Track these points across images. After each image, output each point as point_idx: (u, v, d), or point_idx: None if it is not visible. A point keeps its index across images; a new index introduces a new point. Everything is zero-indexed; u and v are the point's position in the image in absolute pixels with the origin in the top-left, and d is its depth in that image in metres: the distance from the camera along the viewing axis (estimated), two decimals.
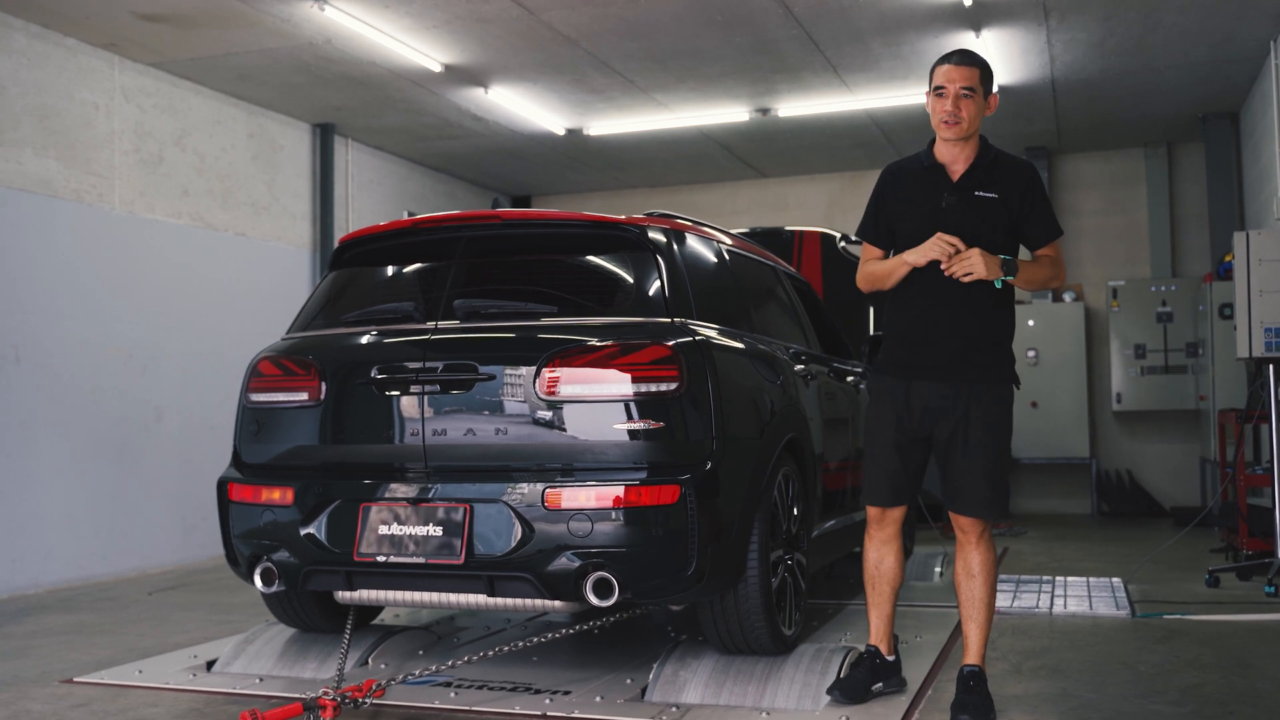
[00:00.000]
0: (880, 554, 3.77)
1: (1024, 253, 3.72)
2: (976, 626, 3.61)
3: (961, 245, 3.48)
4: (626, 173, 11.49)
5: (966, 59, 3.57)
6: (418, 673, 4.04)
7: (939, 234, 3.51)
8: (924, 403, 3.61)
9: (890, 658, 3.81)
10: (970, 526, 3.61)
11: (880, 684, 3.77)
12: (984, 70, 3.58)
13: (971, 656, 3.60)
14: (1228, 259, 8.45)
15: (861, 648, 4.31)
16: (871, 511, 3.77)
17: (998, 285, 3.53)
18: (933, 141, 3.68)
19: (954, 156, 3.62)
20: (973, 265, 3.45)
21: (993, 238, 3.56)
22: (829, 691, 3.71)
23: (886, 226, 3.74)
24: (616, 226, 4.15)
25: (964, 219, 3.56)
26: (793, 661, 3.99)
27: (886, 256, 3.76)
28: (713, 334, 4.05)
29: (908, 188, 3.71)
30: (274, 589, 3.99)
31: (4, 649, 4.98)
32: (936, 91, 3.57)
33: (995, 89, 3.59)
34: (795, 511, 4.37)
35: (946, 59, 3.58)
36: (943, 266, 3.50)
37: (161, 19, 6.92)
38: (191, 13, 6.83)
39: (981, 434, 3.56)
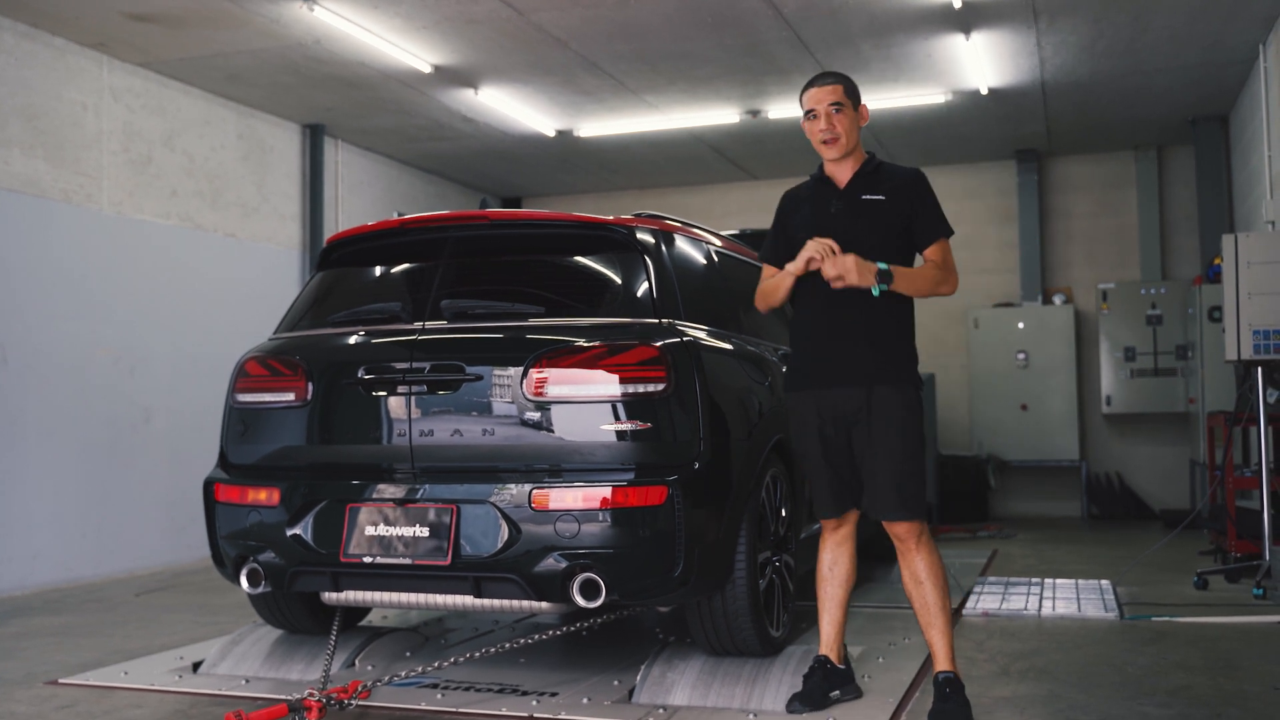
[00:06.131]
0: (835, 555, 3.74)
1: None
2: (938, 632, 3.53)
3: (837, 248, 3.50)
4: (617, 174, 11.48)
5: (829, 79, 3.68)
6: (404, 674, 4.03)
7: (814, 238, 3.55)
8: (833, 410, 3.60)
9: (841, 666, 3.76)
10: (905, 533, 3.56)
11: (837, 691, 3.73)
12: (848, 85, 3.68)
13: (942, 663, 3.53)
14: (1217, 262, 8.47)
15: (855, 651, 4.32)
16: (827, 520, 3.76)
17: (875, 293, 3.51)
18: (823, 164, 3.75)
19: (841, 170, 3.70)
20: (844, 269, 3.46)
21: (882, 239, 3.59)
22: (788, 706, 3.65)
23: (787, 247, 3.76)
24: (604, 227, 4.15)
25: (851, 222, 3.62)
26: (780, 663, 3.98)
27: None
28: (701, 335, 4.04)
29: (802, 205, 3.78)
30: (260, 590, 3.98)
31: None
32: (809, 115, 3.66)
33: (863, 102, 3.72)
34: (783, 513, 4.37)
35: (810, 84, 3.69)
36: (821, 270, 3.50)
37: (150, 19, 6.90)
38: (180, 13, 6.81)
39: (885, 436, 3.53)
